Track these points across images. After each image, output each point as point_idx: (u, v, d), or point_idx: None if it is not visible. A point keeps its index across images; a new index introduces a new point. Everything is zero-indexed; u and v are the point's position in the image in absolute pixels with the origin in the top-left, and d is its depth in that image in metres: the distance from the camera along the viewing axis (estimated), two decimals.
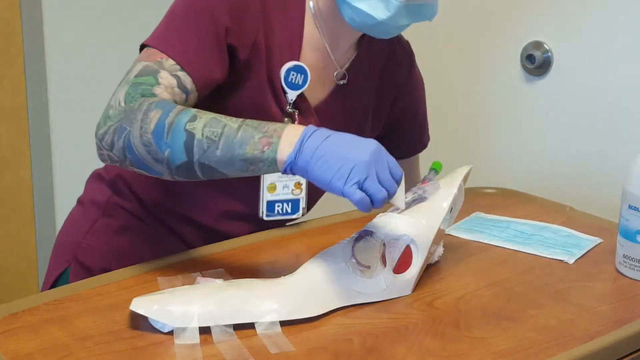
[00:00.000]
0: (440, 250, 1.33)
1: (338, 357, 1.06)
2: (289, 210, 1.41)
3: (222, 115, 1.14)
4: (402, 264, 1.21)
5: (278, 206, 1.40)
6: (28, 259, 2.71)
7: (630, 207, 1.28)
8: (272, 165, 1.12)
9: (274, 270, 1.28)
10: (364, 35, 1.39)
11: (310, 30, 1.35)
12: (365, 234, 1.21)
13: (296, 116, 1.34)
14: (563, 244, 1.41)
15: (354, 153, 1.10)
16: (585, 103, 2.00)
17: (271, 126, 1.13)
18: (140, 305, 1.09)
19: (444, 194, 1.26)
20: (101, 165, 1.47)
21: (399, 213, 1.22)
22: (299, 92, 1.34)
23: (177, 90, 1.20)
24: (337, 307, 1.16)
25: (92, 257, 1.42)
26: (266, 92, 1.32)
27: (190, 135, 1.12)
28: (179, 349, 1.05)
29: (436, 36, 2.23)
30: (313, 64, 1.35)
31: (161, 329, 1.08)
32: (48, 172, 2.67)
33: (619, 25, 1.92)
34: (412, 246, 1.22)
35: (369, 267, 1.19)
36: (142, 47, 1.26)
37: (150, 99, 1.16)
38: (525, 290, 1.25)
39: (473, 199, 1.58)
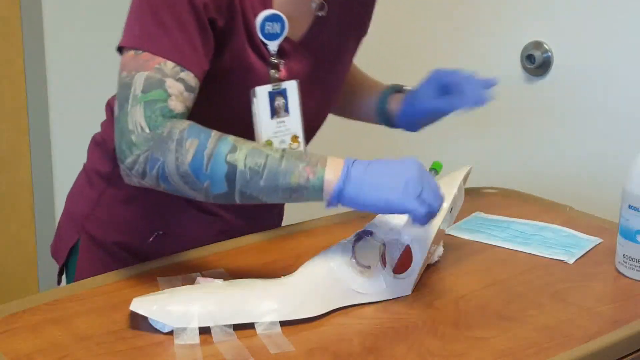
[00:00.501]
0: (440, 250, 1.33)
1: (338, 357, 1.06)
2: None
3: (261, 145, 1.14)
4: (402, 264, 1.21)
5: None
6: (28, 259, 2.71)
7: (630, 207, 1.28)
8: (316, 193, 1.13)
9: (274, 270, 1.28)
10: None
11: None
12: (365, 234, 1.21)
13: (281, 67, 1.31)
14: (563, 244, 1.41)
15: (402, 170, 1.12)
16: (585, 103, 2.00)
17: (313, 156, 1.14)
18: (140, 305, 1.09)
19: (444, 194, 1.26)
20: (99, 129, 1.47)
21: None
22: (278, 41, 1.29)
23: (186, 94, 1.17)
24: (337, 307, 1.16)
25: (102, 229, 1.41)
26: (247, 48, 1.28)
27: (232, 167, 1.11)
28: (178, 349, 1.05)
29: (436, 36, 2.23)
30: (288, 1, 1.30)
31: (161, 329, 1.08)
32: (48, 172, 2.67)
33: (619, 25, 1.92)
34: (412, 246, 1.21)
35: (369, 267, 1.19)
36: (121, 48, 1.20)
37: (179, 125, 1.13)
38: (525, 290, 1.25)
39: (473, 199, 1.58)
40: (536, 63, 2.03)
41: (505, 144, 2.16)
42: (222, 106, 1.26)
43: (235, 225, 1.41)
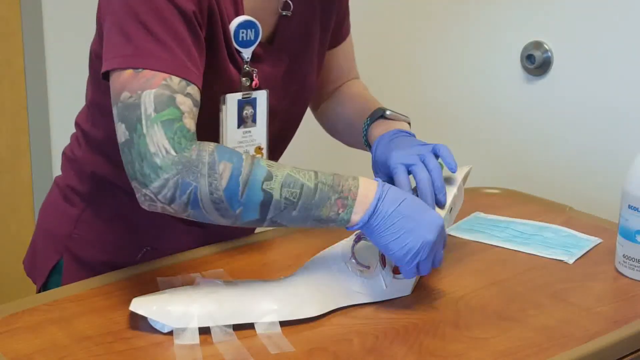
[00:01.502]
0: None
1: (338, 357, 1.06)
2: None
3: (295, 169, 1.11)
4: None
5: None
6: None
7: (630, 207, 1.27)
8: (342, 224, 1.14)
9: (274, 270, 1.28)
10: None
11: None
12: (365, 235, 1.21)
13: (255, 76, 1.28)
14: (563, 244, 1.41)
15: (423, 229, 1.13)
16: (585, 103, 2.00)
17: (345, 183, 1.13)
18: (140, 305, 1.09)
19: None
20: (67, 142, 1.43)
21: None
22: (252, 48, 1.26)
23: (195, 110, 1.12)
24: (337, 307, 1.16)
25: (87, 249, 1.37)
26: (225, 56, 1.25)
27: (268, 196, 1.08)
28: (178, 350, 1.05)
29: (436, 36, 2.23)
30: (256, 4, 1.27)
31: (161, 330, 1.08)
32: (48, 172, 2.67)
33: (618, 25, 1.92)
34: None
35: (368, 267, 1.19)
36: (108, 72, 1.13)
37: (206, 147, 1.09)
38: (525, 290, 1.25)
39: (473, 199, 1.58)
40: (536, 63, 2.03)
41: (505, 144, 2.16)
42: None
43: (221, 232, 1.38)
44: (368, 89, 1.53)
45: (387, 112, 1.38)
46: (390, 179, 1.27)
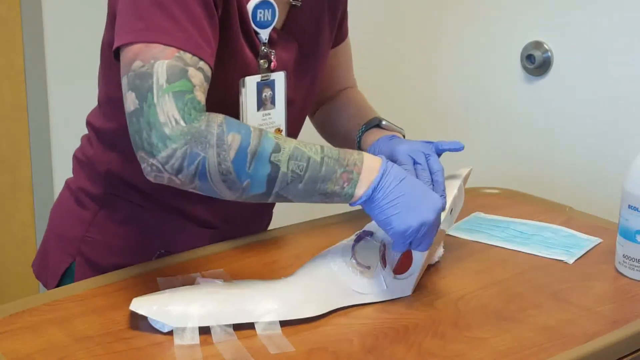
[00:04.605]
0: (440, 251, 1.33)
1: (338, 357, 1.06)
2: None
3: (301, 143, 1.12)
4: (403, 265, 1.21)
5: None
6: (28, 259, 2.70)
7: (629, 207, 1.28)
8: (347, 199, 1.15)
9: (274, 270, 1.28)
10: None
11: None
12: (365, 235, 1.21)
13: (272, 57, 1.28)
14: (563, 244, 1.41)
15: (423, 209, 1.14)
16: (585, 103, 2.00)
17: (350, 157, 1.14)
18: (140, 305, 1.09)
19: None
20: (78, 144, 1.42)
21: None
22: (269, 29, 1.27)
23: (205, 85, 1.12)
24: (337, 307, 1.16)
25: (99, 252, 1.36)
26: (240, 37, 1.25)
27: (275, 168, 1.09)
28: (178, 349, 1.05)
29: (436, 36, 2.23)
30: None
31: (161, 329, 1.08)
32: (48, 172, 2.67)
33: (619, 25, 1.92)
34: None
35: (369, 267, 1.19)
36: (119, 48, 1.13)
37: (215, 118, 1.09)
38: (525, 290, 1.25)
39: (473, 199, 1.58)
40: (536, 63, 2.03)
41: (505, 144, 2.16)
42: (209, 96, 1.18)
43: (233, 233, 1.39)
44: (366, 99, 1.54)
45: (383, 122, 1.39)
46: None
